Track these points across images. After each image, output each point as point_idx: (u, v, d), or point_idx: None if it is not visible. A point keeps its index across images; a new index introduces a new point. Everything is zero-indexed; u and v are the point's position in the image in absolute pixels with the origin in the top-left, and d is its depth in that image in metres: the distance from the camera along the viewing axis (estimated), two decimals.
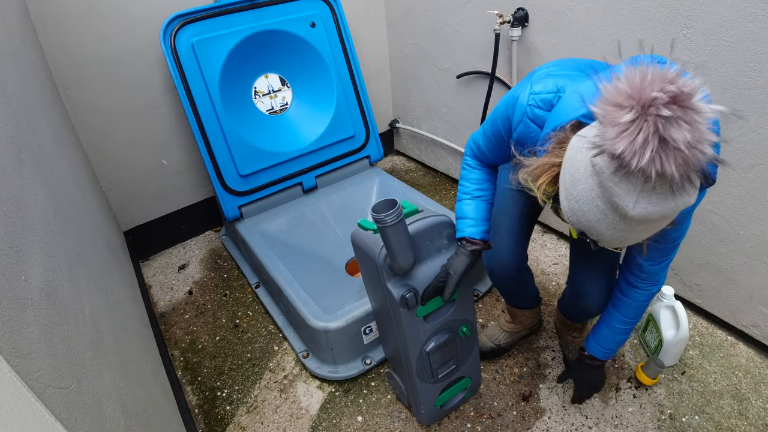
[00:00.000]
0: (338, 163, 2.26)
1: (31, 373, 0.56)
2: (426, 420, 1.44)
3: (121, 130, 2.01)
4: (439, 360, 1.34)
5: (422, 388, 1.37)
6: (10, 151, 0.82)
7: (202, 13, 1.85)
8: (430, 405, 1.41)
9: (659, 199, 0.72)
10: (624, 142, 0.68)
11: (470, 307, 1.34)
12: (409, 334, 1.25)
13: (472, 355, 1.44)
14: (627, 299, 1.19)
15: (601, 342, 1.30)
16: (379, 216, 1.01)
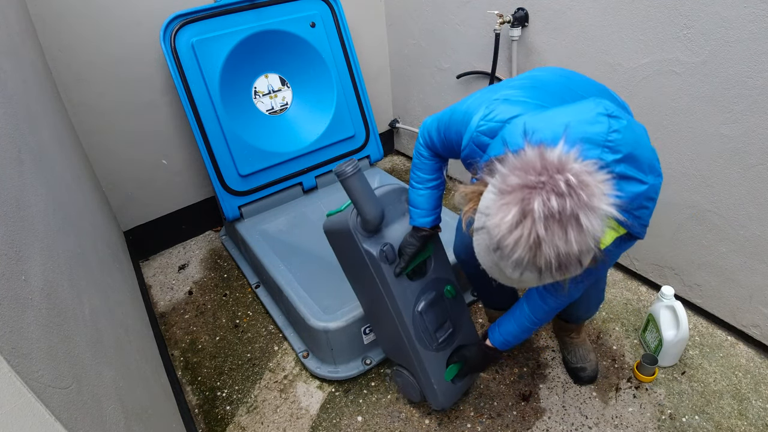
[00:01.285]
0: (338, 163, 2.25)
1: (31, 373, 0.56)
2: (443, 400, 1.41)
3: (121, 130, 2.01)
4: (433, 321, 1.37)
5: (428, 359, 1.37)
6: (10, 151, 0.82)
7: (202, 13, 1.85)
8: (441, 379, 1.39)
9: (541, 273, 0.76)
10: (502, 230, 0.73)
11: (447, 268, 1.43)
12: (397, 295, 1.31)
13: (467, 321, 1.46)
14: (542, 304, 1.19)
15: (506, 335, 1.29)
16: (339, 169, 1.18)
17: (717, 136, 1.47)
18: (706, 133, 1.49)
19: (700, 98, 1.47)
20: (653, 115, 1.60)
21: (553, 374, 1.63)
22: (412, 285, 1.35)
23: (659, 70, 1.52)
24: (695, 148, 1.54)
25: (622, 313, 1.82)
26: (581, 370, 1.57)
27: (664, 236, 1.76)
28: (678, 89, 1.50)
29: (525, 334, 1.25)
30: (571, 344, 1.62)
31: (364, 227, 1.27)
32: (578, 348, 1.61)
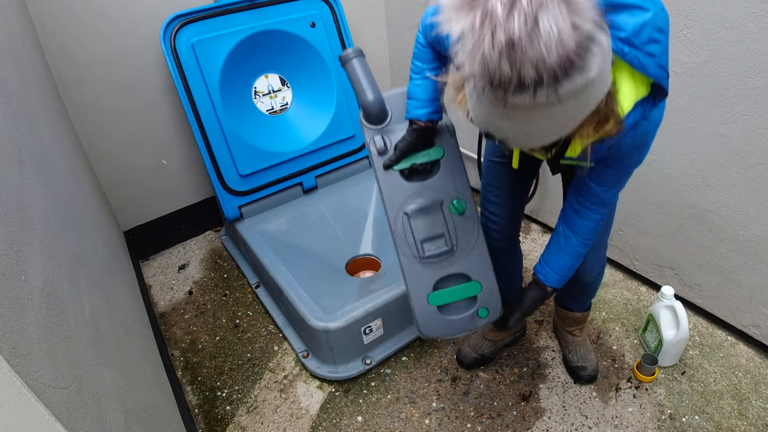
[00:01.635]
0: (338, 163, 2.26)
1: (31, 373, 0.56)
2: (422, 324, 1.25)
3: (121, 130, 2.01)
4: (422, 230, 1.23)
5: (408, 268, 1.23)
6: (10, 151, 0.82)
7: (202, 13, 1.85)
8: (422, 299, 1.24)
9: (533, 93, 0.62)
10: (472, 60, 0.62)
11: (461, 182, 1.26)
12: (385, 188, 1.22)
13: (476, 249, 1.27)
14: (582, 220, 1.12)
15: (561, 270, 1.20)
16: (343, 53, 1.17)
17: (717, 136, 1.47)
18: (706, 133, 1.49)
19: (700, 98, 1.47)
20: None
21: (553, 374, 1.63)
22: (405, 184, 1.23)
23: None
24: (695, 148, 1.54)
25: (622, 313, 1.82)
26: (581, 369, 1.57)
27: (664, 236, 1.76)
28: (678, 89, 1.50)
29: (577, 262, 1.18)
30: (573, 343, 1.62)
31: (364, 116, 1.21)
32: (579, 347, 1.61)
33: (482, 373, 1.64)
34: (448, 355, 1.71)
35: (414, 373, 1.66)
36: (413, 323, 1.29)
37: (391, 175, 1.22)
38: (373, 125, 1.22)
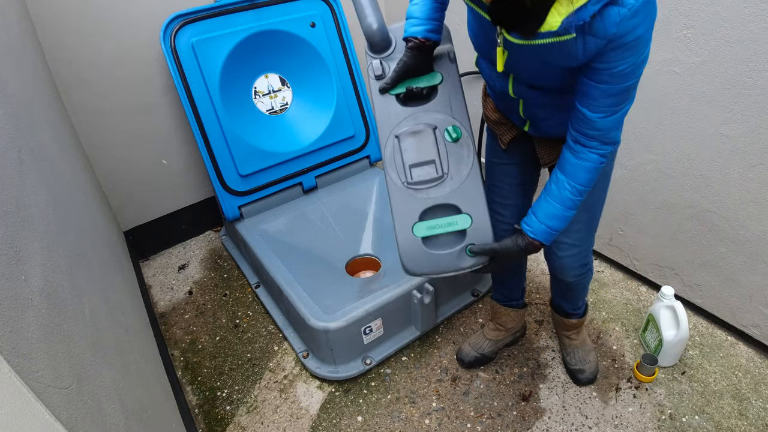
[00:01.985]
0: (338, 163, 2.26)
1: (31, 373, 0.56)
2: (406, 259, 1.17)
3: (121, 130, 2.01)
4: (412, 154, 1.17)
5: (396, 198, 1.16)
6: (10, 151, 0.82)
7: (202, 13, 1.85)
8: (407, 228, 1.16)
9: None
10: None
11: (461, 109, 1.20)
12: (378, 109, 1.18)
13: (469, 180, 1.18)
14: (577, 161, 1.02)
15: (547, 220, 1.08)
16: None
17: (717, 136, 1.47)
18: (706, 133, 1.49)
19: (700, 98, 1.47)
20: (653, 115, 1.60)
21: (553, 374, 1.63)
22: (400, 108, 1.18)
23: (659, 70, 1.52)
24: (695, 148, 1.54)
25: (622, 313, 1.82)
26: (579, 372, 1.57)
27: (664, 236, 1.76)
28: (678, 89, 1.50)
29: (566, 213, 1.07)
30: (570, 345, 1.62)
31: (368, 44, 1.17)
32: (577, 350, 1.61)
33: (482, 373, 1.64)
34: (448, 355, 1.71)
35: (414, 373, 1.66)
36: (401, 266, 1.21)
37: (387, 99, 1.18)
38: (376, 54, 1.19)
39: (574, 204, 1.06)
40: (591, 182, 1.04)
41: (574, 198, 1.05)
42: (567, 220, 1.08)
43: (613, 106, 0.94)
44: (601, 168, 1.03)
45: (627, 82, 0.90)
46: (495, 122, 1.27)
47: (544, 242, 1.10)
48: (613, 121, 0.96)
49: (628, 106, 0.96)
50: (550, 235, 1.09)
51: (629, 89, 0.93)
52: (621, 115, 0.97)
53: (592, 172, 1.03)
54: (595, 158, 1.01)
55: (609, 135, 0.99)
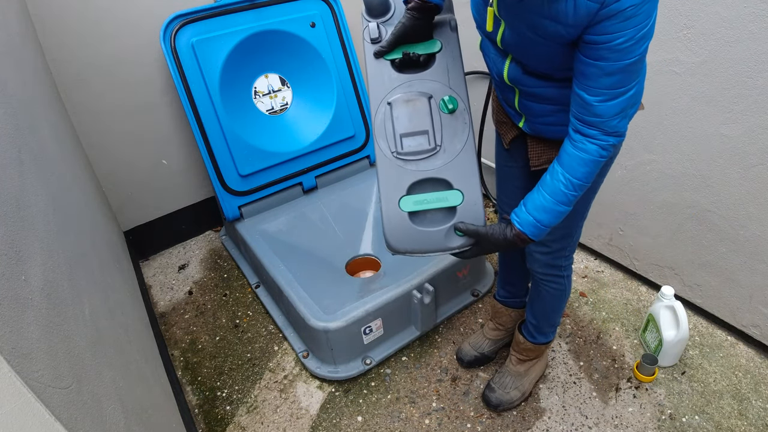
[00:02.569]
0: (338, 163, 2.26)
1: (31, 373, 0.56)
2: (390, 234, 1.08)
3: (121, 130, 2.01)
4: (404, 123, 1.10)
5: (384, 169, 1.08)
6: (10, 151, 0.82)
7: (202, 13, 1.85)
8: (393, 202, 1.08)
9: None
10: None
11: (459, 80, 1.13)
12: (372, 75, 1.11)
13: (463, 154, 1.10)
14: (575, 151, 0.95)
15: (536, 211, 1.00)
16: None
17: (717, 136, 1.47)
18: (706, 133, 1.49)
19: (700, 98, 1.47)
20: (653, 115, 1.60)
21: (553, 374, 1.63)
22: (394, 75, 1.11)
23: (659, 70, 1.52)
24: (695, 148, 1.54)
25: (622, 313, 1.82)
26: (490, 390, 1.54)
27: (664, 236, 1.76)
28: (678, 89, 1.50)
29: (557, 207, 0.99)
30: (506, 367, 1.57)
31: (365, 8, 1.12)
32: (508, 375, 1.55)
33: (482, 373, 1.64)
34: (448, 355, 1.71)
35: (414, 373, 1.66)
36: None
37: (381, 64, 1.11)
38: (373, 18, 1.12)
39: (567, 199, 0.98)
40: (588, 177, 0.97)
41: (566, 192, 0.97)
42: (558, 216, 1.00)
43: (612, 88, 0.86)
44: (600, 163, 0.95)
45: (626, 59, 0.83)
46: (498, 121, 1.27)
47: (531, 236, 1.02)
48: (614, 106, 0.89)
49: (631, 91, 0.88)
50: (537, 229, 1.01)
51: (630, 69, 0.85)
52: (623, 101, 0.88)
53: (590, 166, 0.95)
54: (594, 150, 0.93)
55: (610, 124, 0.91)
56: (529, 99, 1.07)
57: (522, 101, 1.09)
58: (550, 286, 1.35)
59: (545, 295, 1.38)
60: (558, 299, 1.39)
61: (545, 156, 1.14)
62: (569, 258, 1.32)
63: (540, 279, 1.35)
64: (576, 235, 1.27)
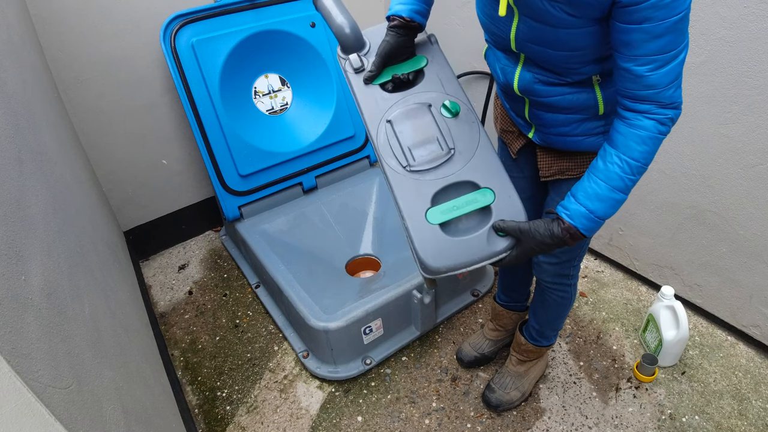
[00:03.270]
0: (338, 163, 2.26)
1: (31, 373, 0.56)
2: (425, 254, 0.94)
3: (121, 130, 2.01)
4: (410, 136, 1.02)
5: (399, 187, 0.99)
6: (10, 151, 0.82)
7: (202, 13, 1.85)
8: (419, 218, 0.96)
9: None
10: None
11: (453, 85, 1.08)
12: (364, 102, 1.06)
13: (480, 151, 1.02)
14: (629, 129, 0.85)
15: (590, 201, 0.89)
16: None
17: (717, 136, 1.47)
18: (706, 133, 1.49)
19: (700, 98, 1.47)
20: None
21: (553, 374, 1.63)
22: (387, 95, 1.07)
23: None
24: (695, 148, 1.54)
25: (622, 313, 1.82)
26: (489, 389, 1.54)
27: (664, 236, 1.76)
28: None
29: (612, 195, 0.88)
30: (506, 367, 1.57)
31: (341, 47, 1.10)
32: (507, 376, 1.55)
33: (482, 373, 1.64)
34: (448, 355, 1.71)
35: (414, 373, 1.66)
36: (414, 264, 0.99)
37: (371, 89, 1.08)
38: (347, 52, 1.11)
39: (624, 185, 0.87)
40: (647, 158, 0.86)
41: (623, 176, 0.86)
42: (614, 205, 0.89)
43: (661, 52, 0.77)
44: (660, 140, 0.85)
45: (674, 14, 0.74)
46: (503, 130, 1.24)
47: (582, 230, 0.90)
48: (667, 73, 0.79)
49: (683, 53, 0.79)
50: (590, 222, 0.89)
51: (678, 27, 0.75)
52: (676, 66, 0.79)
53: (648, 144, 0.84)
54: (652, 125, 0.83)
55: (665, 94, 0.81)
56: (540, 109, 1.03)
57: (533, 111, 1.05)
58: (556, 294, 1.34)
59: (550, 303, 1.37)
60: (563, 307, 1.38)
61: (555, 167, 1.11)
62: (577, 267, 1.30)
63: (546, 287, 1.34)
64: (585, 245, 1.24)
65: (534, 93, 1.00)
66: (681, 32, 0.76)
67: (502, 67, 1.04)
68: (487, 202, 0.97)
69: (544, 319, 1.43)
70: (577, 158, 1.08)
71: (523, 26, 0.91)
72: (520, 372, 1.53)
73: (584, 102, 0.97)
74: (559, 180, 1.14)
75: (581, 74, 0.93)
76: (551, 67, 0.94)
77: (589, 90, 0.95)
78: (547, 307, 1.39)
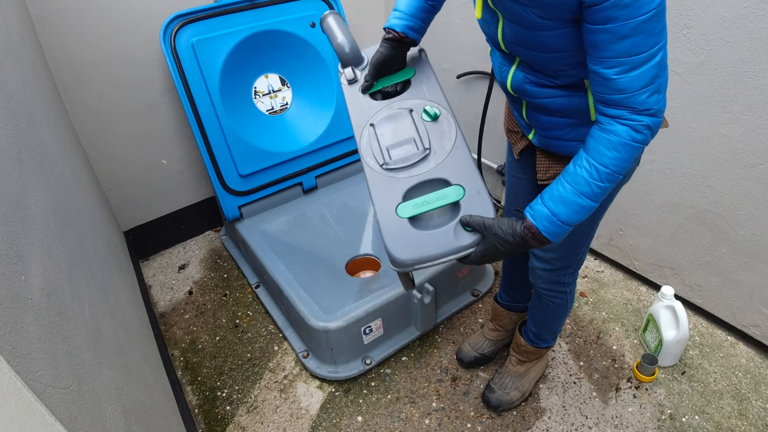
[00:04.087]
0: (338, 163, 2.26)
1: (31, 373, 0.56)
2: (392, 246, 0.96)
3: (121, 130, 2.01)
4: (389, 136, 1.07)
5: (375, 183, 1.03)
6: (10, 151, 0.82)
7: (202, 13, 1.85)
8: (389, 212, 0.99)
9: None
10: None
11: (436, 92, 1.13)
12: (353, 108, 1.13)
13: (456, 150, 1.05)
14: (601, 133, 0.83)
15: (554, 203, 0.87)
16: (323, 16, 1.17)
17: (717, 136, 1.47)
18: (706, 133, 1.49)
19: (700, 98, 1.47)
20: None
21: (553, 374, 1.63)
22: (374, 102, 1.14)
23: None
24: (695, 148, 1.54)
25: (622, 313, 1.82)
26: (489, 389, 1.54)
27: (664, 236, 1.76)
28: (678, 89, 1.50)
29: (576, 199, 0.85)
30: (506, 367, 1.57)
31: (341, 61, 1.18)
32: (507, 376, 1.55)
33: (482, 373, 1.64)
34: (448, 355, 1.71)
35: (414, 373, 1.66)
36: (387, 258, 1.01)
37: (360, 98, 1.15)
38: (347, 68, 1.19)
39: (591, 190, 0.84)
40: (617, 165, 0.82)
41: (591, 181, 0.84)
42: (579, 211, 0.86)
43: (629, 54, 0.75)
44: (634, 148, 0.81)
45: (639, 14, 0.72)
46: (508, 130, 1.25)
47: (543, 232, 0.88)
48: (637, 77, 0.77)
49: (655, 58, 0.76)
50: (552, 225, 0.87)
51: (646, 28, 0.73)
52: (648, 70, 0.76)
53: (620, 150, 0.81)
54: (624, 131, 0.80)
55: (637, 100, 0.78)
56: (535, 110, 1.04)
57: (530, 112, 1.07)
58: (553, 301, 1.34)
59: (547, 308, 1.37)
60: (560, 312, 1.38)
61: (552, 170, 1.12)
62: (574, 275, 1.30)
63: (542, 293, 1.34)
64: (581, 254, 1.23)
65: (526, 93, 1.01)
66: (650, 33, 0.74)
67: (499, 66, 1.06)
68: (457, 197, 0.98)
69: (541, 323, 1.43)
70: None
71: (507, 29, 0.92)
72: (520, 372, 1.53)
73: (575, 106, 0.96)
74: None
75: (571, 77, 0.92)
76: (541, 69, 0.94)
77: (581, 94, 0.95)
78: (544, 312, 1.39)
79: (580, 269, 1.32)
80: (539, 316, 1.42)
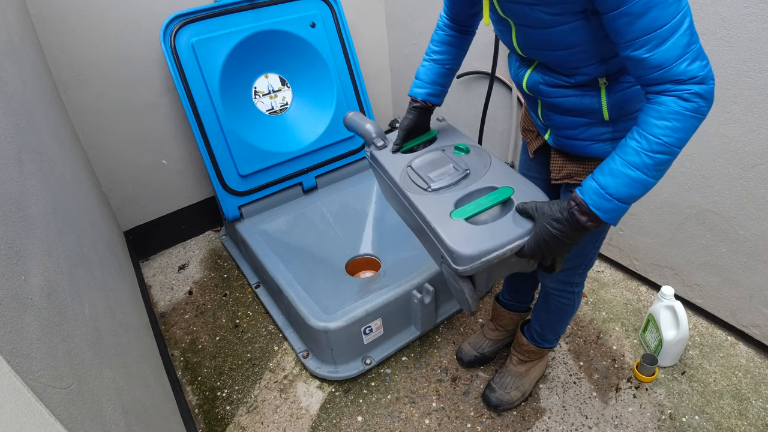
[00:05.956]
0: (338, 163, 2.26)
1: (31, 373, 0.56)
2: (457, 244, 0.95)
3: (121, 130, 2.01)
4: (427, 169, 1.16)
5: (422, 202, 1.07)
6: (10, 151, 0.82)
7: (202, 13, 1.85)
8: (445, 218, 1.01)
9: None
10: None
11: (463, 138, 1.26)
12: (389, 167, 1.21)
13: (494, 164, 1.12)
14: (650, 104, 0.81)
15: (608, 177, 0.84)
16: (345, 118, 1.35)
17: (717, 136, 1.47)
18: (706, 133, 1.49)
19: None
20: None
21: (553, 374, 1.63)
22: (406, 156, 1.24)
23: None
24: (695, 148, 1.54)
25: (622, 313, 1.82)
26: (489, 389, 1.54)
27: (664, 236, 1.76)
28: None
29: (631, 171, 0.82)
30: (506, 367, 1.57)
31: (367, 143, 1.33)
32: (508, 375, 1.55)
33: (482, 373, 1.64)
34: (448, 355, 1.71)
35: (414, 373, 1.66)
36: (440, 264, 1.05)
37: (391, 155, 1.27)
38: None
39: (641, 160, 0.81)
40: (669, 134, 0.79)
41: (639, 150, 0.81)
42: (629, 185, 0.82)
43: (652, 30, 0.74)
44: (687, 117, 0.78)
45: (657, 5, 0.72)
46: (524, 128, 1.26)
47: (591, 206, 0.84)
48: (668, 49, 0.75)
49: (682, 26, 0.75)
50: (600, 198, 0.84)
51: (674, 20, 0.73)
52: (677, 39, 0.75)
53: (668, 119, 0.78)
54: (670, 101, 0.78)
55: (677, 70, 0.76)
56: (550, 109, 1.05)
57: (545, 111, 1.08)
58: (560, 300, 1.34)
59: (553, 308, 1.37)
60: (566, 313, 1.38)
61: (566, 170, 1.12)
62: (583, 275, 1.30)
63: (550, 292, 1.34)
64: (591, 254, 1.23)
65: (540, 93, 1.03)
66: (666, 4, 0.73)
67: (517, 68, 1.09)
68: (508, 194, 1.03)
69: (546, 323, 1.43)
70: (585, 163, 1.08)
71: (520, 34, 0.96)
72: (520, 372, 1.53)
73: (588, 105, 0.98)
74: (568, 184, 1.15)
75: (585, 74, 0.93)
76: (557, 68, 0.97)
77: (594, 94, 0.96)
78: (549, 312, 1.39)
79: (589, 270, 1.32)
80: (544, 316, 1.42)
